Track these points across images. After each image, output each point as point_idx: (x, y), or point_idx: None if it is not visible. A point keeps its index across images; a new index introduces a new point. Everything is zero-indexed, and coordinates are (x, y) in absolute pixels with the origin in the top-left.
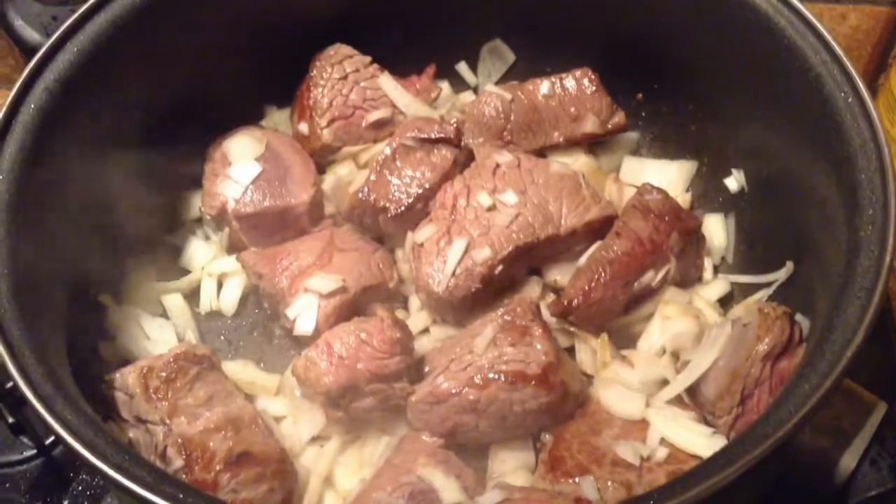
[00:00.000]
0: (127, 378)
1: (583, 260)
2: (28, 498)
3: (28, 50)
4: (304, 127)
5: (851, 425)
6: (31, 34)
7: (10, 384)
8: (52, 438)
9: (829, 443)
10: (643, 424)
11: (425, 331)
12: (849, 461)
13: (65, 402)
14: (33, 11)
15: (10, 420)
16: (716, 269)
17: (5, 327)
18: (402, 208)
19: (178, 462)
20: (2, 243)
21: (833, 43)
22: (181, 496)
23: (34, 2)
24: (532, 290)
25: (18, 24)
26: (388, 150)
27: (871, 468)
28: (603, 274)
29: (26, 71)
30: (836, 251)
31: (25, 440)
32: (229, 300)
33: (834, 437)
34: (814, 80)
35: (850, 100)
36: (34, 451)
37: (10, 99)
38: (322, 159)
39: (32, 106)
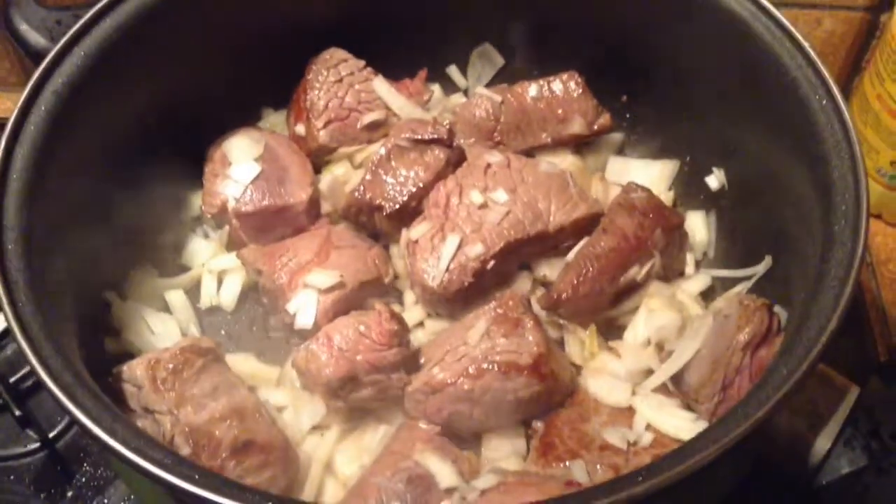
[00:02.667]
0: (135, 370)
1: (571, 256)
2: (32, 490)
3: (33, 54)
4: (300, 128)
5: (827, 408)
6: (36, 38)
7: (14, 378)
8: (55, 431)
9: (806, 425)
10: (630, 411)
11: (420, 324)
12: (824, 442)
13: (83, 390)
14: (38, 16)
15: (17, 413)
16: (698, 264)
17: (24, 319)
18: (397, 206)
19: (185, 450)
20: (18, 241)
21: (808, 47)
22: (196, 476)
23: (39, 7)
24: (523, 284)
25: (23, 28)
26: (382, 151)
27: (844, 448)
28: (590, 269)
29: (36, 74)
30: (812, 245)
31: (30, 433)
32: (229, 296)
33: (810, 420)
34: (790, 83)
35: (824, 102)
36: (38, 444)
37: (21, 101)
38: (318, 160)
39: (43, 108)
